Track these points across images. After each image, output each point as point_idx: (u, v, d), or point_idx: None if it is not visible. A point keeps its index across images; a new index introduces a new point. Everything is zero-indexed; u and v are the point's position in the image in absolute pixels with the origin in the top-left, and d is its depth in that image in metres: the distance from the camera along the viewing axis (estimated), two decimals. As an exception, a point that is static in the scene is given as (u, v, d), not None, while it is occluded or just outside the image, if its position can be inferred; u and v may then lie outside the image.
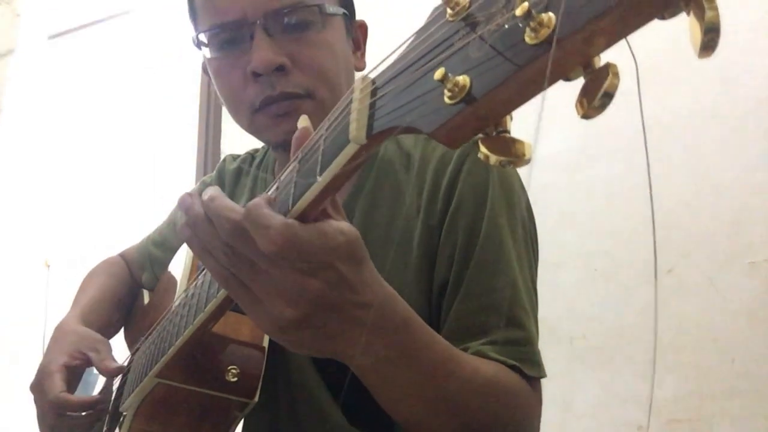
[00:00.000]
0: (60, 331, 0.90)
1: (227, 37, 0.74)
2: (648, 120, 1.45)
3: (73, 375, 0.85)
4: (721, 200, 1.36)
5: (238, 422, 0.70)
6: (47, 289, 2.58)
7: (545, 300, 1.53)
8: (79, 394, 0.83)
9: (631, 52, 0.28)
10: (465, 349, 0.66)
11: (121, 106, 2.74)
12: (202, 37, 0.76)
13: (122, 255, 1.12)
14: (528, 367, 0.67)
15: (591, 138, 1.54)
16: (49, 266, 2.81)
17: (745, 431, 1.28)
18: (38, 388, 0.83)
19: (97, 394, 0.83)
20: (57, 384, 0.80)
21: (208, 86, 2.59)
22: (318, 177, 0.40)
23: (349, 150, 0.38)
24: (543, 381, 0.71)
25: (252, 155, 1.00)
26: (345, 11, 0.79)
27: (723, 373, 1.32)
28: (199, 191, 1.03)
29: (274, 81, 0.72)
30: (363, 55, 0.85)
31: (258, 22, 0.71)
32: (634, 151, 1.46)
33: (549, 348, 1.81)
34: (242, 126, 0.79)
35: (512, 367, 0.65)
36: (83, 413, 0.82)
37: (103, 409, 0.86)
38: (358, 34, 0.84)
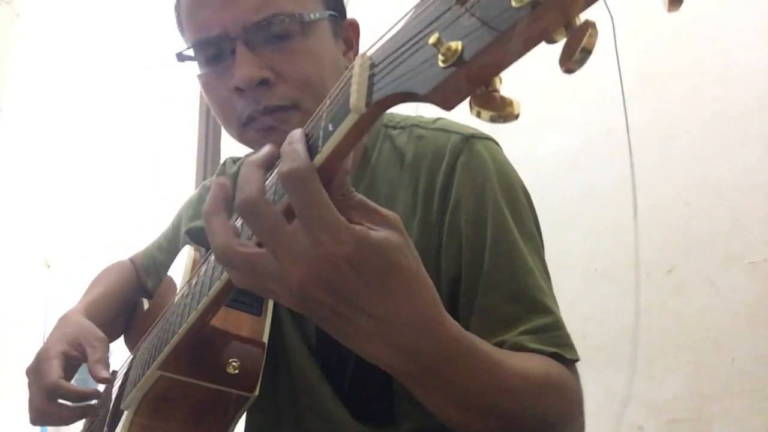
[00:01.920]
0: (64, 320, 0.91)
1: (211, 52, 0.73)
2: (648, 120, 1.45)
3: (70, 364, 0.85)
4: (721, 200, 1.36)
5: (239, 418, 0.71)
6: (47, 289, 2.58)
7: (545, 300, 1.53)
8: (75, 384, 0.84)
9: (607, 7, 0.30)
10: (501, 343, 0.66)
11: (122, 107, 2.74)
12: (190, 53, 0.76)
13: (132, 260, 1.13)
14: (567, 351, 0.68)
15: (591, 138, 1.54)
16: (49, 266, 2.82)
17: (745, 431, 1.28)
18: (35, 371, 0.83)
19: (92, 389, 0.83)
20: (54, 369, 0.81)
21: (208, 86, 2.59)
22: (320, 148, 0.42)
23: (351, 119, 0.39)
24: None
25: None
26: (332, 12, 0.78)
27: (723, 373, 1.32)
28: (200, 196, 1.04)
29: (258, 95, 0.71)
30: (356, 53, 0.83)
31: (239, 36, 0.70)
32: (635, 150, 1.46)
33: (549, 348, 1.79)
34: (235, 139, 0.79)
35: (552, 355, 0.66)
36: (73, 404, 0.83)
37: (93, 406, 0.87)
38: (349, 33, 0.83)
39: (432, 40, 0.32)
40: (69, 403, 0.84)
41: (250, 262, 0.45)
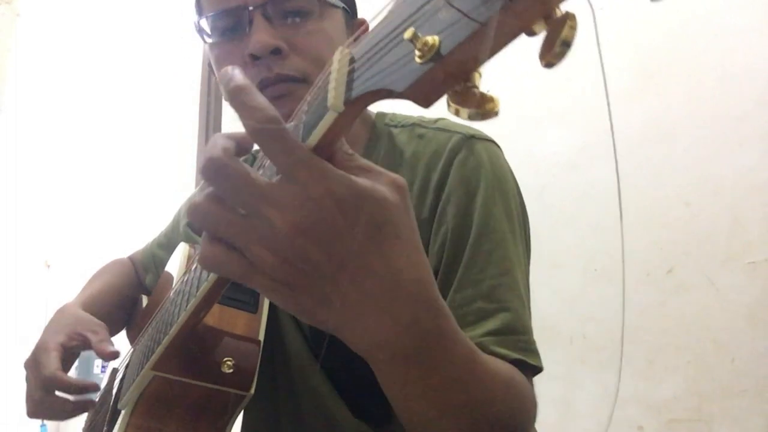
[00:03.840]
0: (60, 313, 0.91)
1: (228, 23, 0.75)
2: (648, 120, 1.45)
3: (69, 356, 0.85)
4: (720, 200, 1.36)
5: (236, 416, 0.70)
6: (47, 289, 2.58)
7: (545, 300, 1.54)
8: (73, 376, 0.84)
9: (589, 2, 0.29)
10: None
11: (121, 107, 2.74)
12: (204, 24, 0.77)
13: (130, 257, 1.13)
14: (531, 357, 0.66)
15: (591, 138, 1.54)
16: (49, 266, 2.82)
17: (745, 431, 1.28)
18: (33, 364, 0.83)
19: (91, 381, 0.83)
20: (53, 361, 0.81)
21: (209, 85, 2.59)
22: None
23: (329, 118, 0.38)
24: (543, 381, 0.70)
25: (253, 155, 1.01)
26: (345, 6, 0.80)
27: (723, 373, 1.32)
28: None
29: (271, 63, 0.73)
30: None
31: (257, 7, 0.73)
32: (635, 151, 1.46)
33: (549, 348, 1.81)
34: None
35: (516, 361, 0.64)
36: (71, 397, 0.83)
37: (92, 401, 0.87)
38: (358, 31, 0.83)
39: (407, 34, 0.32)
40: (68, 397, 0.84)
41: (225, 219, 0.40)
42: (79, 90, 2.84)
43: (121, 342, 1.00)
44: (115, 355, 0.80)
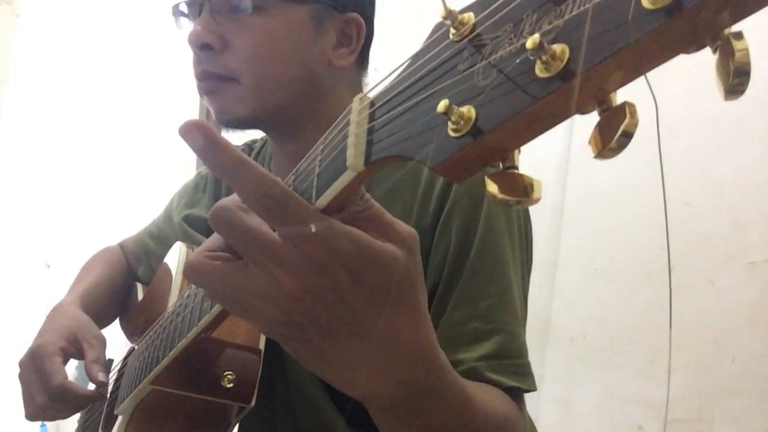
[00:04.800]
0: (58, 313, 0.89)
1: (193, 12, 0.77)
2: (647, 121, 1.44)
3: (66, 359, 0.85)
4: (721, 200, 1.36)
5: (235, 425, 0.70)
6: (47, 289, 2.57)
7: (545, 300, 1.53)
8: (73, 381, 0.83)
9: (651, 90, 0.26)
10: (458, 363, 0.63)
11: (121, 107, 2.74)
12: (183, 8, 0.79)
13: (121, 245, 1.12)
14: (525, 381, 0.66)
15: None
16: (49, 266, 2.82)
17: (745, 431, 1.28)
18: (32, 366, 0.82)
19: (97, 392, 0.83)
20: (60, 368, 0.80)
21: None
22: (314, 201, 0.38)
23: (346, 177, 0.35)
24: (543, 381, 0.70)
25: (250, 146, 1.00)
26: (323, 1, 0.76)
27: (723, 373, 1.32)
28: (195, 183, 1.04)
29: (202, 58, 0.74)
30: (353, 52, 0.79)
31: (206, 0, 0.74)
32: (635, 151, 1.45)
33: (549, 348, 1.81)
34: None
35: (510, 389, 0.64)
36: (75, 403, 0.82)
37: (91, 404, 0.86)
38: (350, 29, 0.79)
39: (441, 107, 0.28)
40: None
41: (225, 275, 0.39)
42: (79, 90, 2.84)
43: (115, 332, 1.00)
44: (102, 384, 0.79)
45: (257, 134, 0.93)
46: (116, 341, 0.96)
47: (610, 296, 1.48)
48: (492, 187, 0.29)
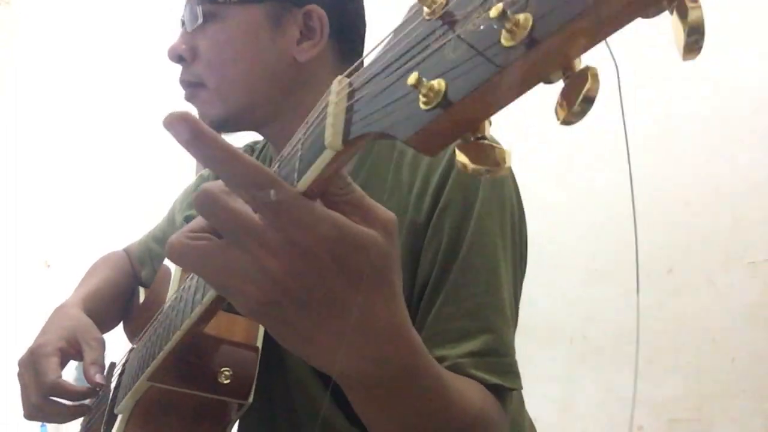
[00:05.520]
0: (60, 314, 0.90)
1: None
2: (648, 121, 1.45)
3: (65, 360, 0.85)
4: (721, 200, 1.36)
5: (235, 422, 0.70)
6: (47, 289, 2.57)
7: (545, 300, 1.53)
8: (71, 381, 0.84)
9: (611, 54, 0.26)
10: (442, 359, 0.63)
11: (121, 107, 2.74)
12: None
13: (126, 250, 1.13)
14: (509, 379, 0.66)
15: (591, 138, 1.54)
16: (49, 266, 2.82)
17: (745, 431, 1.28)
18: (30, 365, 0.83)
19: (91, 387, 0.83)
20: (55, 368, 0.81)
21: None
22: (295, 183, 0.38)
23: (326, 156, 0.36)
24: (543, 381, 0.70)
25: (252, 147, 1.00)
26: None
27: (723, 373, 1.32)
28: (196, 186, 1.04)
29: (182, 69, 0.81)
30: (317, 44, 0.79)
31: (183, 14, 0.80)
32: (635, 151, 1.46)
33: (549, 348, 1.81)
34: None
35: (493, 386, 0.64)
36: (69, 402, 0.83)
37: (89, 406, 0.87)
38: (312, 21, 0.78)
39: (411, 80, 0.29)
40: (67, 402, 0.84)
41: (206, 254, 0.40)
42: (78, 90, 2.84)
43: (118, 337, 1.00)
44: (98, 385, 0.81)
45: (258, 136, 0.93)
46: (117, 344, 0.96)
47: (610, 296, 1.48)
48: (462, 158, 0.30)
